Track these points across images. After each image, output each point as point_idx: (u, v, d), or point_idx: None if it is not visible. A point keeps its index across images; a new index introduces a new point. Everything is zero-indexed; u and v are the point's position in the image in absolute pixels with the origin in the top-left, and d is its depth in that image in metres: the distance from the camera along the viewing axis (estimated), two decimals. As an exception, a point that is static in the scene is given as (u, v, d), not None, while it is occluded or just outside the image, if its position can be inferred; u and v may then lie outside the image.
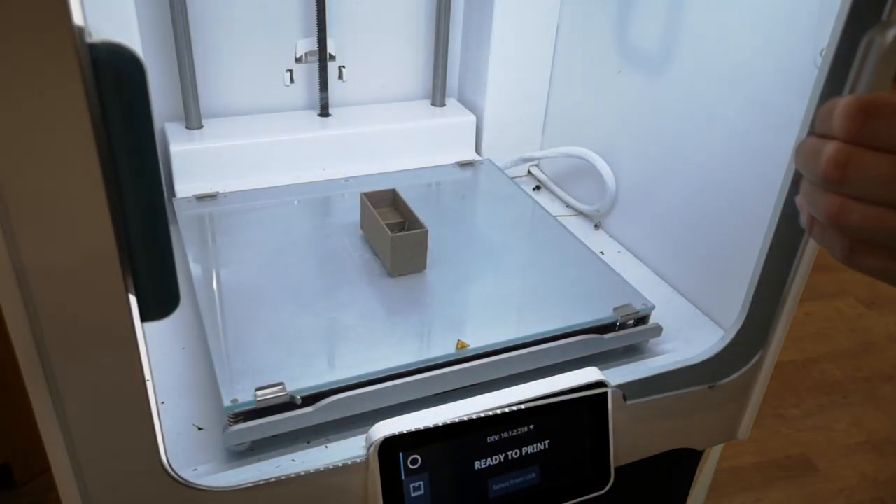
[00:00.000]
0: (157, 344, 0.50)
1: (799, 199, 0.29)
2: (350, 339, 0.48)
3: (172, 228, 0.62)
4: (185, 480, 0.36)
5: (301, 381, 0.43)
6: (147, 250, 0.29)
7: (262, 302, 0.50)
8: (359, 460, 0.40)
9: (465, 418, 0.42)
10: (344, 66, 0.73)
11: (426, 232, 0.54)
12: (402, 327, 0.49)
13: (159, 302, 0.30)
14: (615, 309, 0.51)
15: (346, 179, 0.68)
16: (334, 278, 0.54)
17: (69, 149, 0.25)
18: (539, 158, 0.77)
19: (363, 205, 0.57)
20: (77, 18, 0.23)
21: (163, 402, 0.45)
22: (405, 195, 0.58)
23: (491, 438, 0.43)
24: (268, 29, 0.69)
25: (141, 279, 0.29)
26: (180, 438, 0.43)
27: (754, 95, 0.51)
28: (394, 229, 0.54)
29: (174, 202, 0.62)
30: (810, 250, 0.49)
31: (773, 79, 0.49)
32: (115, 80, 0.25)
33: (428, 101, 0.77)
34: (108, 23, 0.54)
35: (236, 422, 0.41)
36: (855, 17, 0.41)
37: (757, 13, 0.50)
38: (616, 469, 0.47)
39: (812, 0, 0.45)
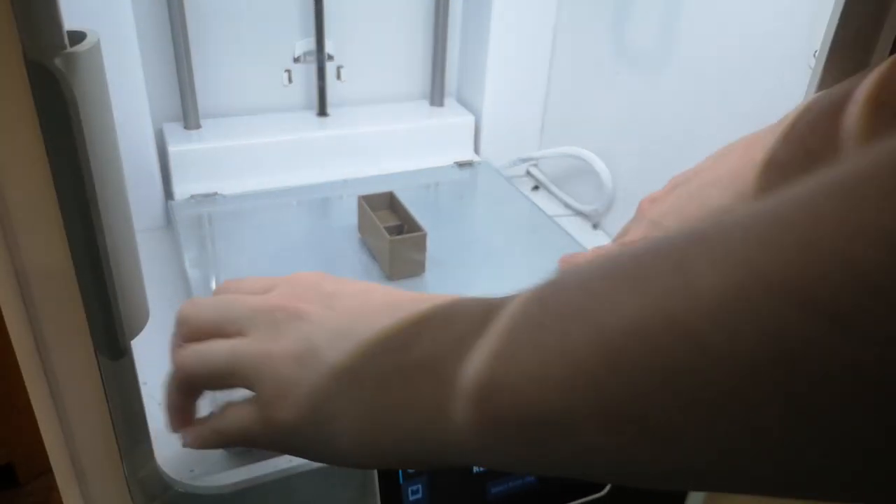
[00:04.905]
0: (154, 345, 0.50)
1: None
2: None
3: (170, 229, 0.63)
4: (181, 482, 0.37)
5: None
6: (92, 283, 0.28)
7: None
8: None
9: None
10: (342, 66, 0.73)
11: (425, 235, 0.54)
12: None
13: (107, 337, 0.30)
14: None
15: (345, 181, 0.68)
16: (325, 261, 0.54)
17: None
18: (537, 158, 0.77)
19: (361, 208, 0.57)
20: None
21: (159, 403, 0.45)
22: (403, 197, 0.58)
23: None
24: (266, 29, 0.69)
25: (91, 313, 0.28)
26: (177, 439, 0.43)
27: (750, 95, 0.51)
28: (392, 232, 0.54)
29: (171, 203, 0.62)
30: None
31: (768, 79, 0.49)
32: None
33: (426, 102, 0.77)
34: (105, 23, 0.54)
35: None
36: (848, 18, 0.41)
37: (753, 15, 0.50)
38: (614, 469, 0.47)
39: (805, 2, 0.45)
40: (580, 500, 0.46)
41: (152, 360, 0.48)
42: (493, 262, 0.58)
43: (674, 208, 0.45)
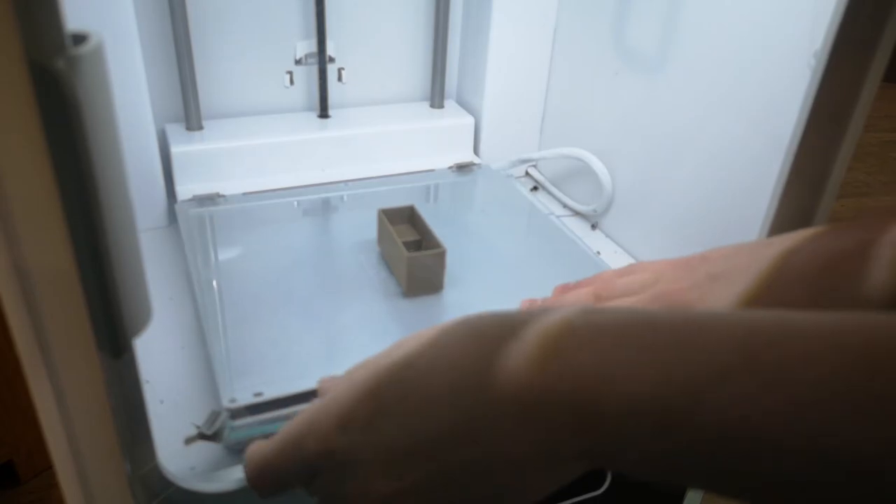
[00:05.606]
0: (156, 343, 0.50)
1: None
2: (347, 340, 0.49)
3: (172, 229, 0.63)
4: (182, 480, 0.37)
5: (299, 382, 0.43)
6: (94, 282, 0.28)
7: (263, 304, 0.51)
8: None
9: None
10: (343, 68, 0.74)
11: (444, 252, 0.52)
12: (407, 329, 0.50)
13: (109, 336, 0.29)
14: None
15: (346, 182, 0.68)
16: (332, 279, 0.54)
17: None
18: (537, 159, 0.77)
19: (380, 222, 0.56)
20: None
21: (161, 401, 0.46)
22: (404, 199, 0.57)
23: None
24: (267, 31, 0.69)
25: (93, 312, 0.28)
26: (179, 437, 0.44)
27: (749, 96, 0.51)
28: (411, 248, 0.53)
29: (173, 204, 0.63)
30: (806, 250, 0.49)
31: (768, 80, 0.49)
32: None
33: (427, 103, 0.78)
34: (108, 25, 0.55)
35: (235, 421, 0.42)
36: (850, 17, 0.41)
37: (753, 15, 0.50)
38: (612, 468, 0.47)
39: (806, 2, 0.45)
40: (577, 499, 0.47)
41: (155, 358, 0.49)
42: (509, 274, 0.57)
43: (738, 268, 0.38)
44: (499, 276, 0.56)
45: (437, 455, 0.24)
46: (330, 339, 0.49)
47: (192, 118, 0.67)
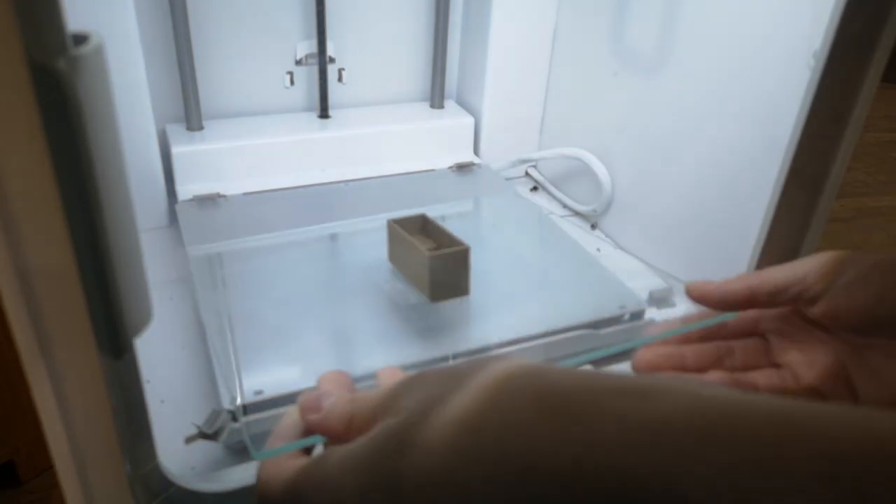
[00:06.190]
0: (156, 343, 0.50)
1: None
2: (348, 338, 0.49)
3: (172, 229, 0.63)
4: (182, 479, 0.37)
5: (300, 380, 0.43)
6: (95, 282, 0.28)
7: (263, 303, 0.51)
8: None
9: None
10: (343, 69, 0.74)
11: (467, 249, 0.49)
12: (404, 325, 0.50)
13: (109, 336, 0.29)
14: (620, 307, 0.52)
15: (346, 183, 0.68)
16: (334, 278, 0.55)
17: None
18: (536, 160, 0.77)
19: (392, 231, 0.53)
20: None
21: (162, 401, 0.46)
22: (408, 201, 0.57)
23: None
24: (268, 31, 0.69)
25: (93, 312, 0.28)
26: (180, 437, 0.44)
27: (748, 96, 0.51)
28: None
29: (174, 204, 0.63)
30: (806, 249, 0.49)
31: (767, 80, 0.49)
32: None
33: (427, 103, 0.78)
34: (109, 26, 0.55)
35: (235, 420, 0.42)
36: (849, 17, 0.42)
37: (752, 15, 0.50)
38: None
39: (805, 2, 0.45)
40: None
41: (155, 358, 0.49)
42: (516, 274, 0.56)
43: None
44: (506, 277, 0.56)
45: None
46: (330, 337, 0.49)
47: (192, 118, 0.67)
